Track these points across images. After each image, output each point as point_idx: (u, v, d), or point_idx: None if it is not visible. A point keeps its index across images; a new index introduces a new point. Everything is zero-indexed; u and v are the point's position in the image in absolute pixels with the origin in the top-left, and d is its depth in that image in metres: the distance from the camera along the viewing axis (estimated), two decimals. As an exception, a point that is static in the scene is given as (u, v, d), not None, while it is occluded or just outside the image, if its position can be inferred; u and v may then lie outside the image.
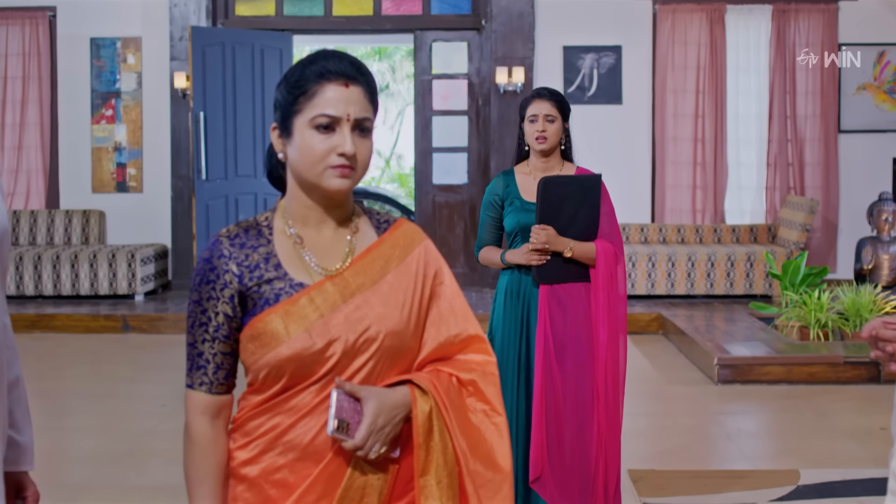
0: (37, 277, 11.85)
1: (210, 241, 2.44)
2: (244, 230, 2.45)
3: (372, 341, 2.38)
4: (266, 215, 2.50)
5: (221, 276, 2.39)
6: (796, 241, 11.72)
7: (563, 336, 4.76)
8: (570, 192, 4.77)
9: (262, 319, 2.36)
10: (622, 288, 4.87)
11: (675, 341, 10.24)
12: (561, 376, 4.73)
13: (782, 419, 7.72)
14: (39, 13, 12.70)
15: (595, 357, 4.75)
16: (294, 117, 2.37)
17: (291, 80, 2.39)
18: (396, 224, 2.55)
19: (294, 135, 2.38)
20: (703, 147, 12.48)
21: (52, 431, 7.33)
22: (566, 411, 4.73)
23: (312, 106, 2.35)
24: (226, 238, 2.43)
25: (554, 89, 4.99)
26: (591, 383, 4.74)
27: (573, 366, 4.75)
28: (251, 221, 2.48)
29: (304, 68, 2.39)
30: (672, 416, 7.77)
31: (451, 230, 12.83)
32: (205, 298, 2.40)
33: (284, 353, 2.33)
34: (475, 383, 2.50)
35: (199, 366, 2.42)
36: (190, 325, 2.43)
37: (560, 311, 4.78)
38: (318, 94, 2.35)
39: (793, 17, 12.44)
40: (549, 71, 12.39)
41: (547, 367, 4.72)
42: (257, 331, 2.36)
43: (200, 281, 2.40)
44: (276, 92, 2.46)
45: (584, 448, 4.74)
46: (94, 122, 12.74)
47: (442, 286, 2.54)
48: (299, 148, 2.37)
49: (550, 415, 4.73)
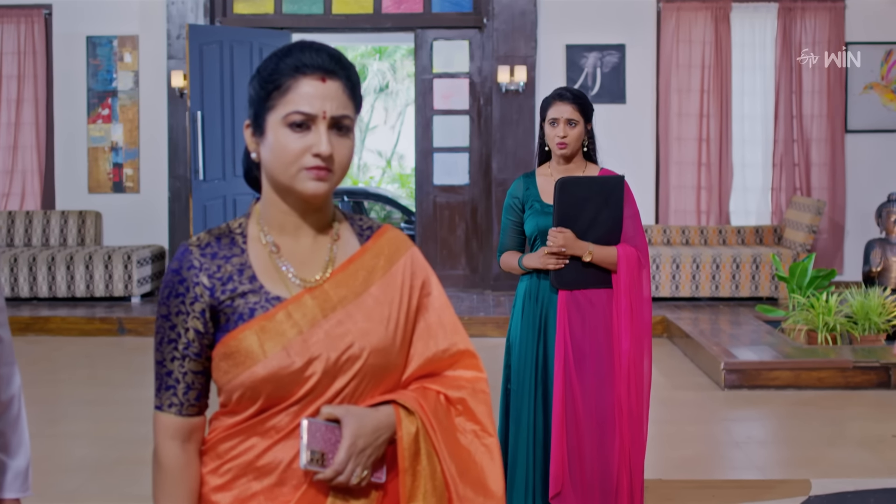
0: (31, 279, 11.70)
1: (179, 251, 2.26)
2: (216, 238, 2.28)
3: (355, 359, 2.21)
4: (240, 221, 2.33)
5: (191, 290, 2.21)
6: (803, 242, 11.56)
7: (583, 345, 4.59)
8: (590, 194, 4.60)
9: (235, 336, 2.19)
10: (646, 295, 4.70)
11: (679, 345, 10.07)
12: (581, 387, 4.56)
13: (792, 426, 7.55)
14: (35, 11, 12.57)
15: (617, 368, 4.57)
16: (267, 114, 2.20)
17: (264, 73, 2.22)
18: (381, 231, 2.37)
19: (267, 133, 2.21)
20: (708, 147, 12.34)
21: (45, 438, 7.17)
22: (587, 424, 4.55)
23: (286, 102, 2.18)
24: (196, 247, 2.25)
25: (576, 90, 4.80)
26: (613, 395, 4.57)
27: (593, 377, 4.58)
28: (223, 228, 2.30)
29: (278, 61, 2.21)
30: (679, 423, 7.59)
31: (452, 231, 12.67)
32: (174, 313, 2.22)
33: (260, 373, 2.17)
34: (465, 402, 2.34)
35: (168, 386, 2.25)
36: (158, 342, 2.25)
37: (580, 318, 4.61)
38: (293, 89, 2.18)
39: (799, 16, 12.29)
40: (552, 70, 12.24)
41: (566, 378, 4.55)
42: (230, 348, 2.19)
43: (169, 294, 2.23)
44: (248, 86, 2.28)
45: (605, 463, 4.56)
46: (90, 122, 12.59)
47: (430, 297, 2.36)
48: (272, 147, 2.19)
49: (570, 427, 4.56)
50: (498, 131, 12.27)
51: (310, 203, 2.23)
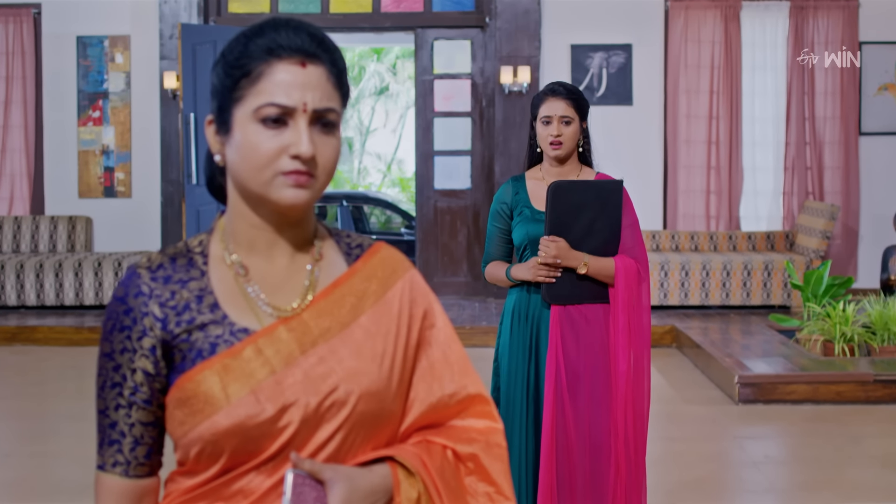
0: (19, 287, 11.34)
1: (125, 275, 1.84)
2: (170, 259, 1.86)
3: (341, 405, 1.79)
4: (200, 238, 1.91)
5: (139, 322, 1.80)
6: (816, 248, 11.20)
7: (577, 365, 4.19)
8: (585, 200, 4.19)
9: (192, 378, 1.78)
10: (646, 311, 4.29)
11: (689, 355, 9.70)
12: (573, 411, 4.17)
13: (811, 444, 7.15)
14: (24, 10, 12.24)
15: (613, 390, 4.18)
16: (233, 107, 1.80)
17: (230, 57, 1.81)
18: (372, 249, 1.95)
19: (234, 130, 1.80)
20: (718, 150, 12.00)
21: (26, 458, 6.83)
22: (579, 451, 4.16)
23: (257, 92, 1.77)
24: (145, 270, 1.84)
25: (570, 85, 4.39)
26: (609, 420, 4.18)
27: (587, 399, 4.19)
28: (180, 247, 1.89)
29: (247, 42, 1.79)
30: (690, 440, 7.20)
31: (453, 237, 12.34)
32: (118, 351, 1.81)
33: (223, 424, 1.75)
34: (476, 458, 1.90)
35: (111, 440, 1.84)
36: (100, 387, 1.84)
37: (573, 336, 4.21)
38: (265, 76, 1.77)
39: (811, 14, 11.95)
40: (557, 70, 11.89)
41: (558, 400, 4.16)
42: (187, 393, 1.78)
43: (112, 328, 1.82)
44: (211, 73, 1.86)
45: (599, 493, 4.17)
46: (80, 125, 12.25)
47: (433, 330, 1.94)
48: (240, 148, 1.79)
49: (561, 454, 4.16)
50: (501, 134, 11.93)
51: (286, 215, 1.82)
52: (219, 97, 1.82)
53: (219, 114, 1.83)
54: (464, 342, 10.27)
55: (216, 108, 1.83)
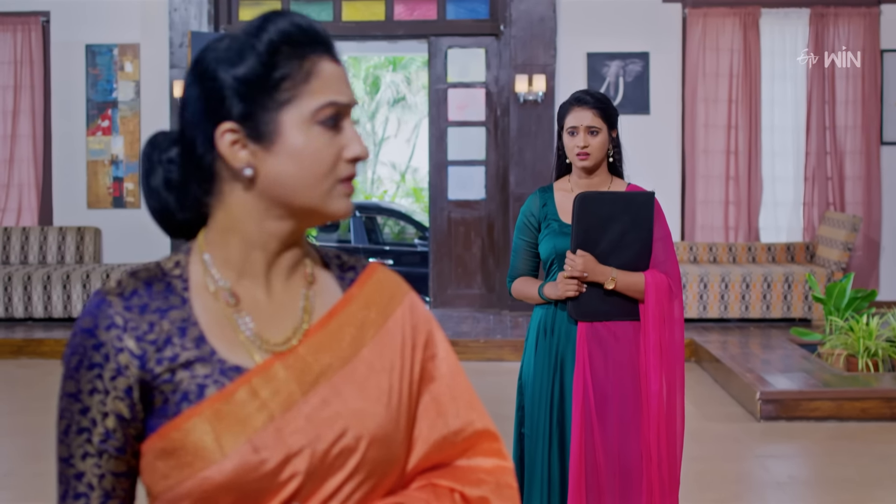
0: (26, 299, 11.18)
1: (92, 301, 1.60)
2: (144, 284, 1.62)
3: (350, 453, 1.58)
4: (176, 259, 1.67)
5: (112, 359, 1.56)
6: (837, 260, 10.97)
7: (605, 385, 4.00)
8: (613, 212, 4.00)
9: (179, 427, 1.55)
10: (679, 326, 4.08)
11: (709, 370, 9.47)
12: (602, 434, 3.96)
13: (836, 463, 6.91)
14: (32, 18, 12.08)
15: (644, 412, 3.98)
16: (279, 111, 1.58)
17: (261, 49, 1.58)
18: (367, 272, 1.73)
19: (283, 137, 1.59)
20: (737, 160, 11.79)
21: (27, 477, 6.63)
22: (608, 476, 3.96)
23: (310, 92, 1.58)
24: (117, 297, 1.59)
25: (598, 93, 4.19)
26: (639, 443, 3.97)
27: (617, 421, 3.99)
28: (153, 270, 1.64)
29: (282, 35, 1.59)
30: (711, 459, 6.97)
31: (467, 248, 12.15)
32: (86, 392, 1.56)
33: (216, 479, 1.52)
34: (487, 501, 1.69)
35: (77, 493, 1.59)
36: (62, 431, 1.59)
37: (602, 354, 4.01)
38: (315, 74, 1.58)
39: (832, 22, 11.73)
40: (572, 79, 11.70)
41: (586, 423, 3.96)
42: (173, 444, 1.55)
43: (80, 364, 1.57)
44: (208, 74, 1.62)
45: (629, 519, 3.97)
46: (89, 134, 12.09)
47: (436, 361, 1.72)
48: (299, 156, 1.58)
49: (590, 479, 3.95)
50: (515, 143, 11.74)
51: (310, 229, 1.63)
52: (244, 100, 1.59)
53: (250, 120, 1.59)
54: (478, 356, 10.12)
55: (243, 114, 1.59)
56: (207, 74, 1.61)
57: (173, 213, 1.69)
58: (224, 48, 1.61)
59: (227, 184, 1.63)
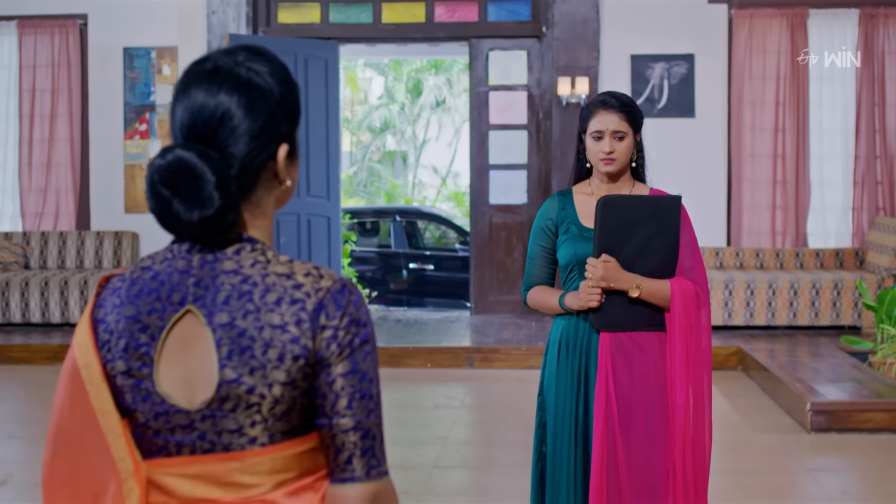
0: (63, 304, 11.08)
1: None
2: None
3: None
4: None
5: None
6: (888, 266, 10.70)
7: (630, 398, 3.80)
8: (639, 217, 3.80)
9: None
10: (706, 334, 3.88)
11: (756, 379, 9.23)
12: (625, 448, 3.77)
13: (891, 478, 6.66)
14: (70, 21, 11.98)
15: (670, 426, 3.78)
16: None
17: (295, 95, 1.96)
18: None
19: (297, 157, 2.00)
20: (784, 164, 11.54)
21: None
22: (631, 493, 3.76)
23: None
24: None
25: (623, 95, 3.99)
26: (665, 458, 3.78)
27: (641, 435, 3.79)
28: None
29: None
30: (761, 473, 6.74)
31: (509, 253, 11.96)
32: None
33: None
34: None
35: None
36: None
37: (626, 365, 3.81)
38: None
39: (882, 22, 11.46)
40: (616, 81, 11.48)
41: (608, 437, 3.76)
42: None
43: None
44: (294, 91, 1.97)
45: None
46: (127, 138, 11.99)
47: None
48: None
49: (612, 497, 3.75)
50: (558, 147, 11.54)
51: None
52: (294, 123, 1.91)
53: (292, 140, 1.91)
54: (520, 364, 9.94)
55: (290, 135, 1.90)
56: (295, 91, 1.91)
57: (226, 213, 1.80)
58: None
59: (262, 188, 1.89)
